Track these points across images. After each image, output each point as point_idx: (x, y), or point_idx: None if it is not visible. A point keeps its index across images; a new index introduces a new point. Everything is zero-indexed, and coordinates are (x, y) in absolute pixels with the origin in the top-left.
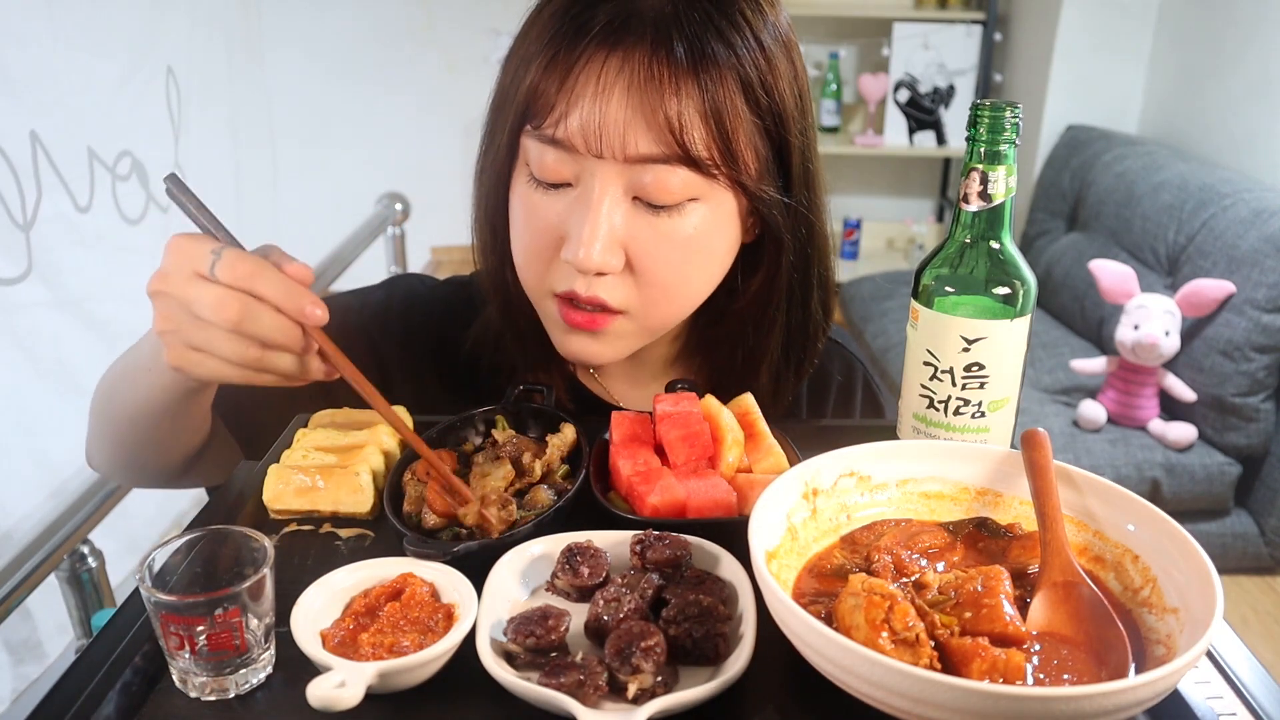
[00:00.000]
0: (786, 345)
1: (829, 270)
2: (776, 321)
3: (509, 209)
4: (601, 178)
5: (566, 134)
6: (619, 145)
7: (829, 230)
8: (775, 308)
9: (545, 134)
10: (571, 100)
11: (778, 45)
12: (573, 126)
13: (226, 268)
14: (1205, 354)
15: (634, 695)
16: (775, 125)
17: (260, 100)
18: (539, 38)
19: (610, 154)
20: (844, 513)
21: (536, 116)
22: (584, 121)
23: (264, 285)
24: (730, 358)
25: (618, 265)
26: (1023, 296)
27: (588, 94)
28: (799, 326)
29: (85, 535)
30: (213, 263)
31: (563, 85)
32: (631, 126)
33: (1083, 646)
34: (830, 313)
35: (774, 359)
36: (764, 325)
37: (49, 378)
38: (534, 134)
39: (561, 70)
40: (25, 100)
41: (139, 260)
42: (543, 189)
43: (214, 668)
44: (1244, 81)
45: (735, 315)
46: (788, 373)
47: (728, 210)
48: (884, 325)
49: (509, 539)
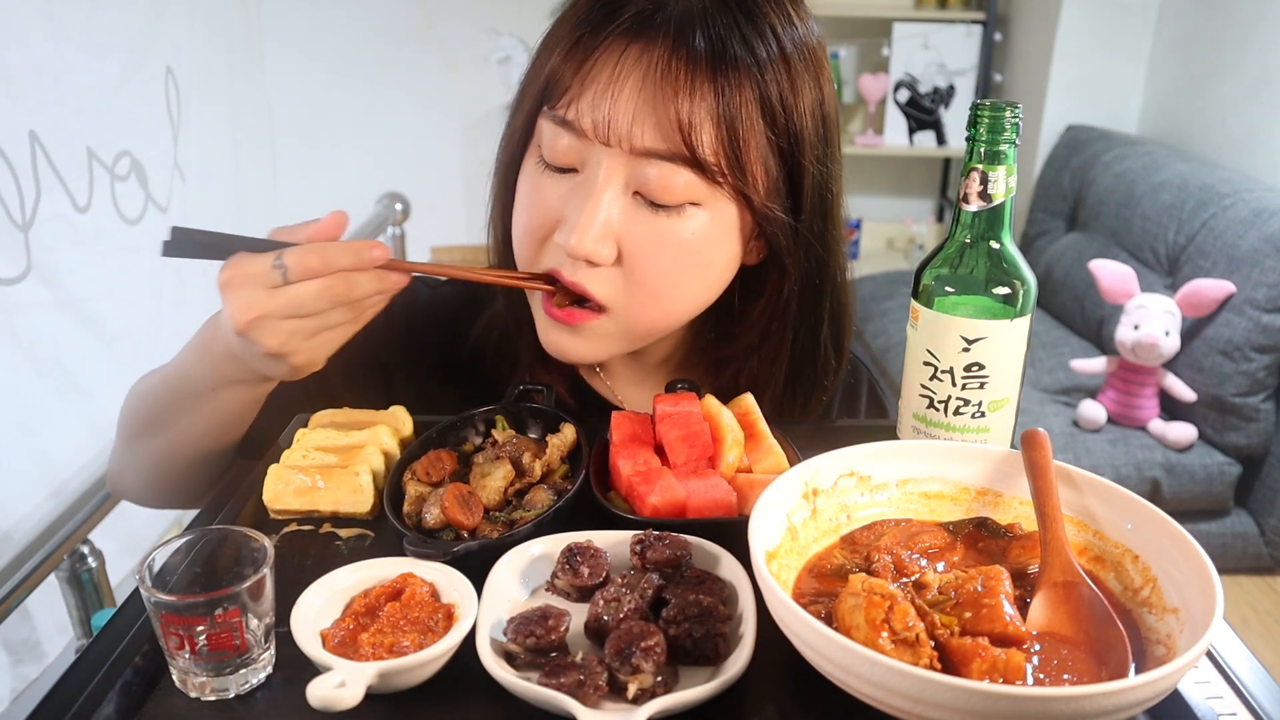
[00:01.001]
0: (792, 378)
1: (843, 307)
2: (780, 351)
3: (516, 189)
4: (606, 167)
5: (576, 116)
6: (625, 135)
7: (846, 266)
8: (779, 336)
9: (558, 115)
10: (585, 84)
11: (804, 63)
12: (583, 110)
13: (299, 268)
14: (1205, 354)
15: (634, 695)
16: (790, 146)
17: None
18: (568, 22)
19: (617, 143)
20: (844, 513)
21: (552, 98)
22: (594, 106)
23: (337, 260)
24: (735, 381)
25: (609, 256)
26: (1023, 296)
27: (602, 79)
28: (805, 359)
29: (85, 535)
30: (283, 273)
31: (580, 69)
32: (640, 118)
33: (1083, 646)
34: (843, 351)
35: (777, 390)
36: (766, 353)
37: (49, 378)
38: (548, 115)
39: (582, 54)
40: (25, 100)
41: (138, 260)
42: (550, 171)
43: (214, 668)
44: (1244, 81)
45: (739, 338)
46: (793, 405)
47: (729, 221)
48: (884, 325)
49: (509, 539)
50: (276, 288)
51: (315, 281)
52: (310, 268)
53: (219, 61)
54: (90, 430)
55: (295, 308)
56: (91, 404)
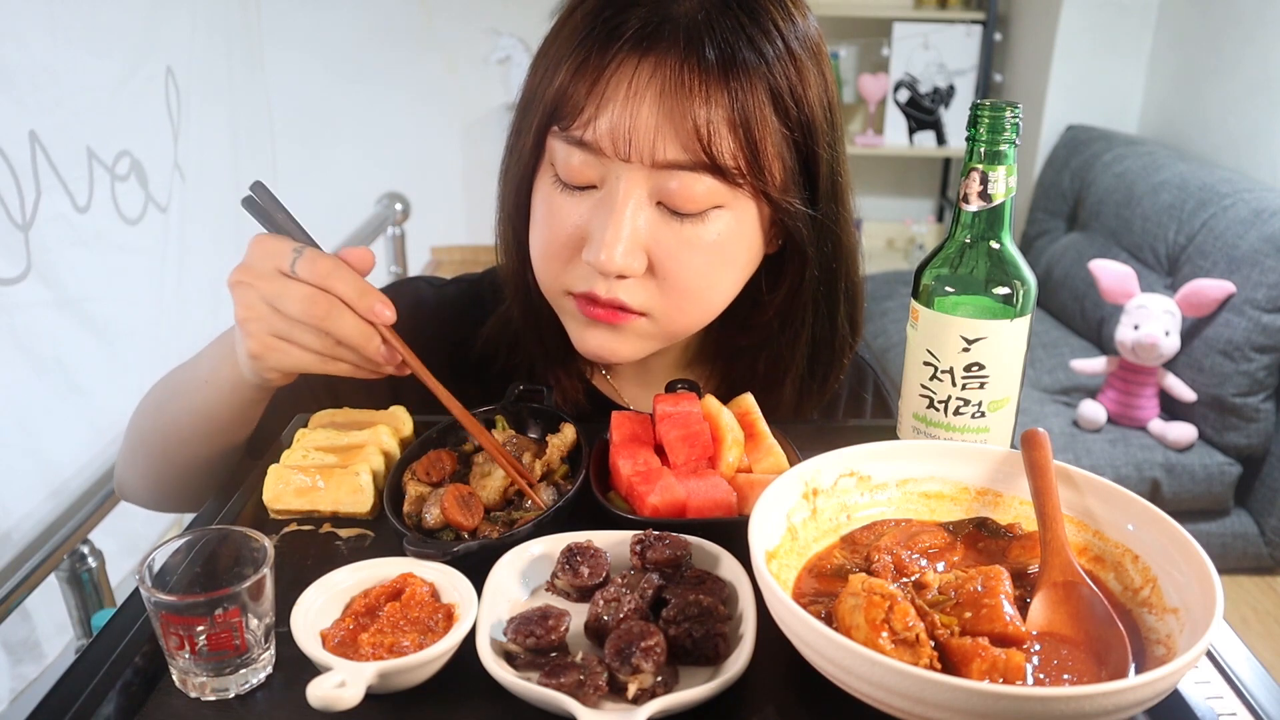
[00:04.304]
0: (812, 359)
1: (856, 285)
2: (801, 334)
3: (530, 208)
4: (627, 181)
5: (595, 137)
6: (647, 150)
7: (857, 244)
8: (800, 320)
9: (573, 136)
10: (602, 104)
11: (808, 55)
12: (601, 130)
13: (307, 265)
14: (1205, 354)
15: (634, 695)
16: (804, 136)
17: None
18: (569, 40)
19: (638, 158)
20: (844, 513)
21: (565, 118)
22: (613, 125)
23: (340, 284)
24: (752, 368)
25: (639, 269)
26: (1023, 296)
27: (618, 98)
28: (824, 340)
29: (85, 535)
30: (294, 260)
31: (593, 88)
32: (660, 132)
33: (1083, 646)
34: (858, 328)
35: (799, 372)
36: (788, 337)
37: (49, 378)
38: (561, 135)
39: (592, 73)
40: (25, 100)
41: (138, 260)
42: (567, 190)
43: (214, 668)
44: (1244, 81)
45: (760, 326)
46: (812, 385)
47: (751, 219)
48: (884, 325)
49: (509, 539)
50: (279, 271)
51: (304, 287)
52: (314, 271)
53: (219, 61)
54: (90, 430)
55: (275, 297)
56: (91, 404)
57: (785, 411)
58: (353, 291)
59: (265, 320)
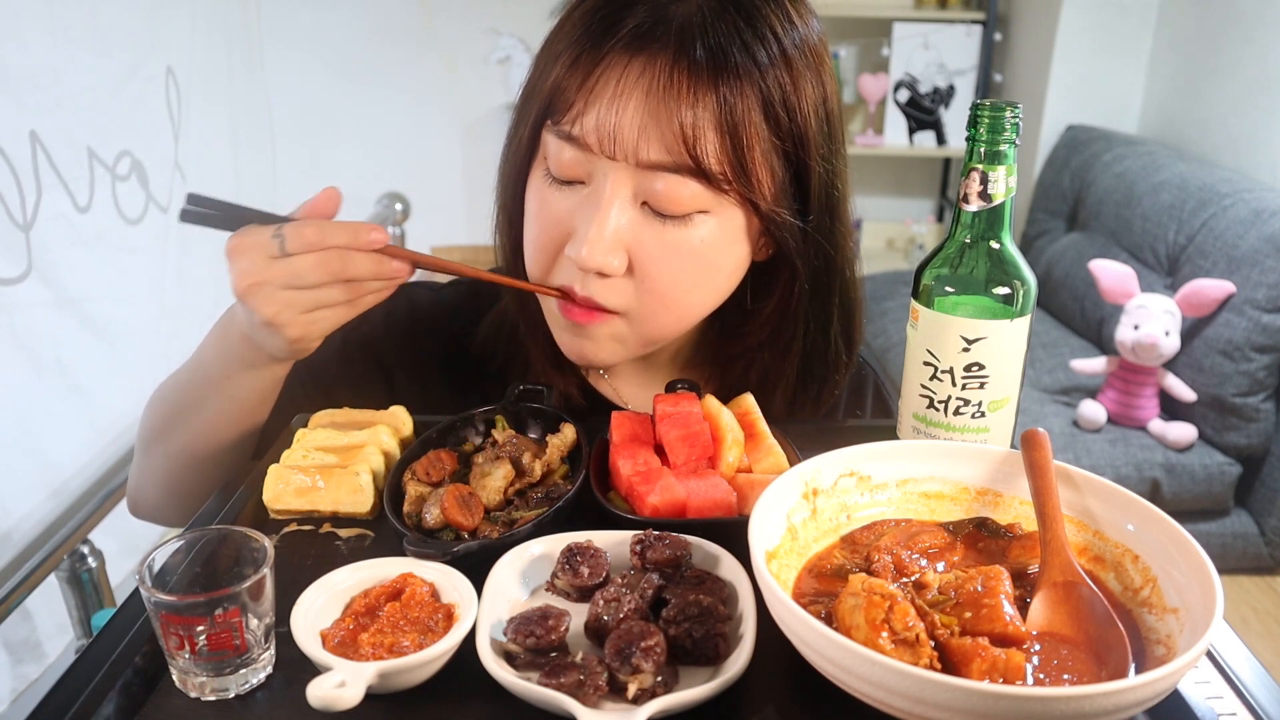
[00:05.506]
0: (804, 372)
1: (853, 301)
2: (792, 346)
3: (525, 202)
4: (613, 179)
5: (582, 132)
6: (632, 149)
7: (855, 259)
8: (790, 333)
9: (563, 130)
10: (590, 100)
11: (805, 64)
12: (588, 126)
13: (296, 239)
14: (1205, 354)
15: (634, 695)
16: (795, 147)
17: (260, 100)
18: (568, 35)
19: (623, 157)
20: (844, 513)
21: (557, 112)
22: (599, 122)
23: (333, 235)
24: (744, 378)
25: (619, 268)
26: (1023, 296)
27: (606, 95)
28: (817, 355)
29: (85, 535)
30: (280, 243)
31: (583, 84)
32: (646, 132)
33: (1083, 646)
34: (853, 345)
35: (789, 384)
36: (779, 349)
37: (49, 378)
38: (553, 129)
39: (584, 69)
40: (25, 100)
41: (139, 260)
42: (557, 184)
43: (214, 668)
44: (1244, 81)
45: (749, 335)
46: (805, 399)
47: (737, 226)
48: (884, 325)
49: (509, 539)
50: (276, 258)
51: (312, 254)
52: (306, 240)
53: (219, 61)
54: (90, 430)
55: (292, 278)
56: (91, 404)
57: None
58: (346, 235)
59: (294, 305)
